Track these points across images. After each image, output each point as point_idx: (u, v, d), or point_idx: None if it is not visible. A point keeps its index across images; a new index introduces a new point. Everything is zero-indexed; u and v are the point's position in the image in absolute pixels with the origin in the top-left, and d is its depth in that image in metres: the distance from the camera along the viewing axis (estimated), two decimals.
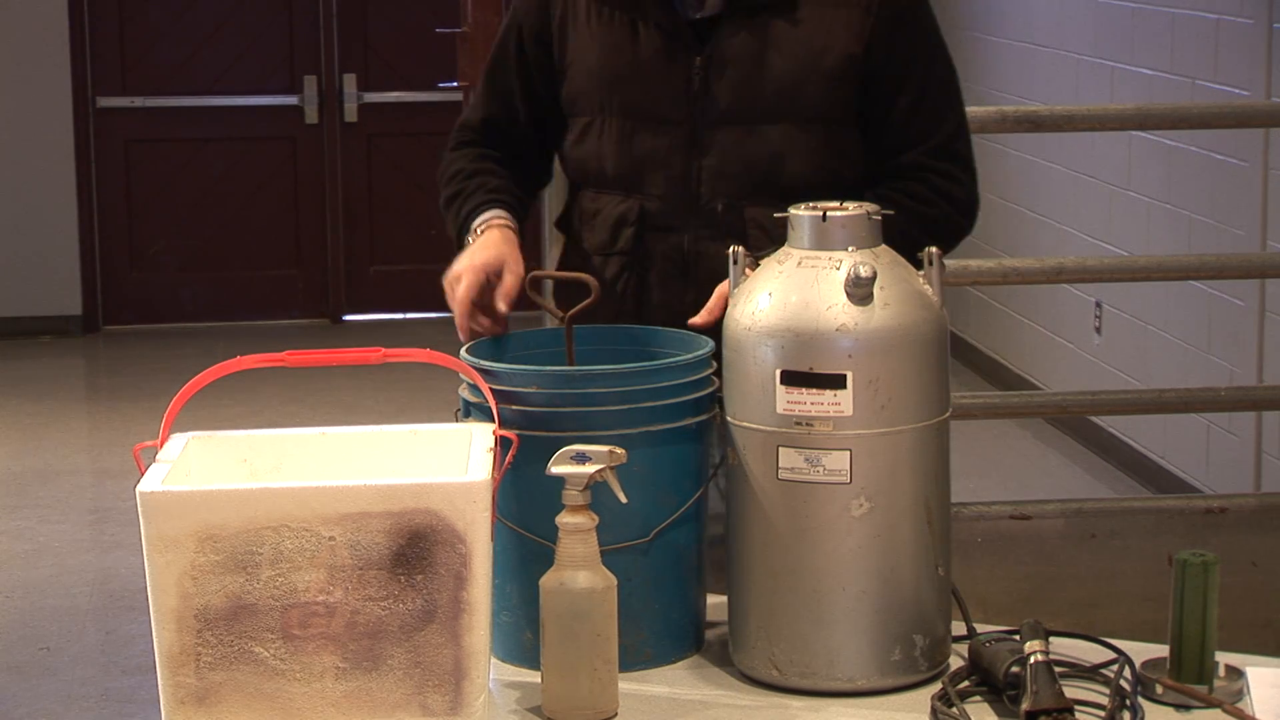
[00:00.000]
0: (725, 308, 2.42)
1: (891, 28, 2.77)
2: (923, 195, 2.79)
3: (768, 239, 2.67)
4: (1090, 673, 2.34)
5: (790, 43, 2.76)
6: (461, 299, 2.68)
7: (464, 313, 2.67)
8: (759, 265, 2.40)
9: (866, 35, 2.75)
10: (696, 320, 2.58)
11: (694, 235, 2.79)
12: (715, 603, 2.52)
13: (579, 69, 2.83)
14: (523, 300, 2.71)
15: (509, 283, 2.70)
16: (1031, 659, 2.24)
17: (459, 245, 2.82)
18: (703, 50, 2.77)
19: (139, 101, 9.05)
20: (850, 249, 2.36)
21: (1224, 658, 2.35)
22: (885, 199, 2.62)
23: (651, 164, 2.80)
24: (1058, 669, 2.26)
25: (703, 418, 2.47)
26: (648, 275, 2.82)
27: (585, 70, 2.82)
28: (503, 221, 2.80)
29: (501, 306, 2.69)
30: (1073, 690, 2.26)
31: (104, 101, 9.02)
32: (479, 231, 2.79)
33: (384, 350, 2.38)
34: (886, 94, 2.78)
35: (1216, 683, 2.32)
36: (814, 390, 2.31)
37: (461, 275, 2.70)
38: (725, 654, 2.45)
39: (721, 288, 2.54)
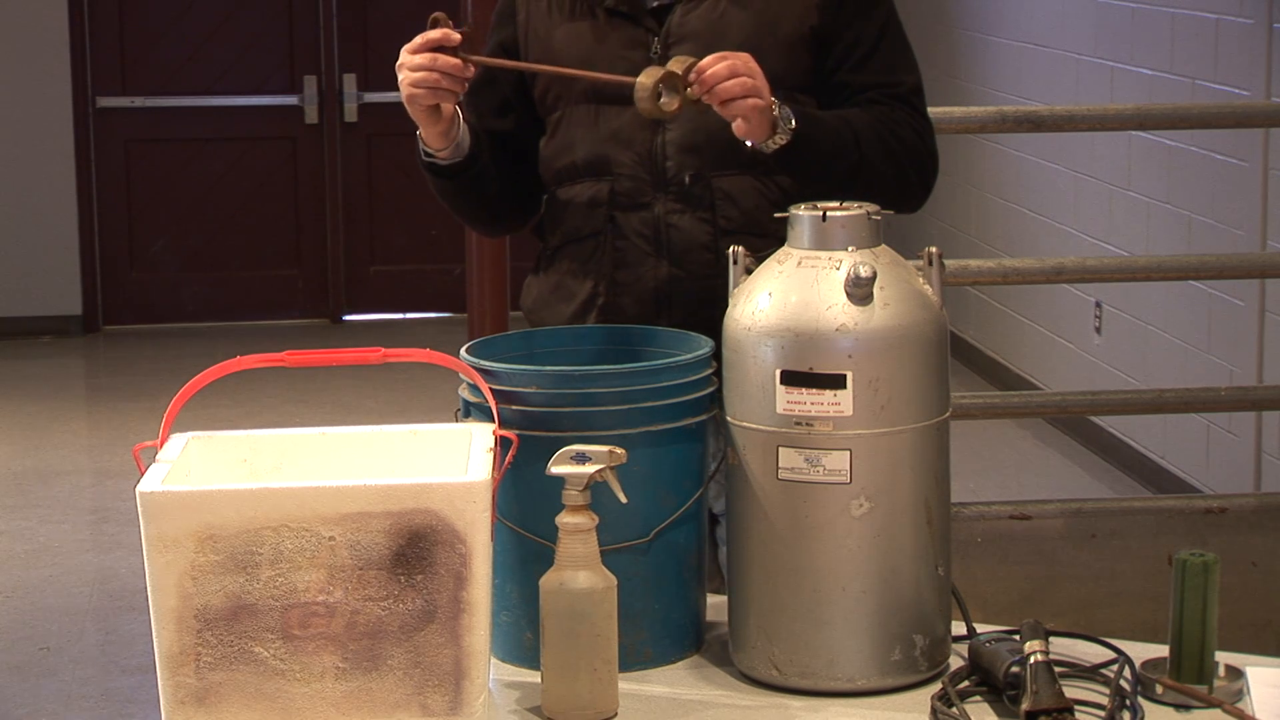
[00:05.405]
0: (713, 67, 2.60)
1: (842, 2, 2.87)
2: (888, 115, 2.86)
3: (736, 208, 2.81)
4: (1090, 673, 2.34)
5: (744, 18, 2.84)
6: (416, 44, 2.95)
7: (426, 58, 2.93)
8: (759, 265, 2.41)
9: (818, 7, 2.84)
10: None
11: (664, 209, 2.85)
12: (715, 603, 2.53)
13: (544, 63, 2.89)
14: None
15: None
16: (1031, 659, 2.24)
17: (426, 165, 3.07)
18: (660, 31, 2.85)
19: (139, 101, 9.04)
20: (850, 249, 2.36)
21: (1224, 658, 2.35)
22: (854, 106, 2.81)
23: (617, 143, 2.86)
24: (1058, 669, 2.26)
25: (703, 418, 2.47)
26: (621, 253, 2.86)
27: (549, 63, 2.88)
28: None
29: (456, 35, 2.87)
30: (1073, 690, 2.26)
31: (104, 101, 9.01)
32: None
33: (384, 350, 2.38)
34: (840, 57, 2.86)
35: (1216, 683, 2.32)
36: (814, 390, 2.31)
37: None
38: (725, 654, 2.45)
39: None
